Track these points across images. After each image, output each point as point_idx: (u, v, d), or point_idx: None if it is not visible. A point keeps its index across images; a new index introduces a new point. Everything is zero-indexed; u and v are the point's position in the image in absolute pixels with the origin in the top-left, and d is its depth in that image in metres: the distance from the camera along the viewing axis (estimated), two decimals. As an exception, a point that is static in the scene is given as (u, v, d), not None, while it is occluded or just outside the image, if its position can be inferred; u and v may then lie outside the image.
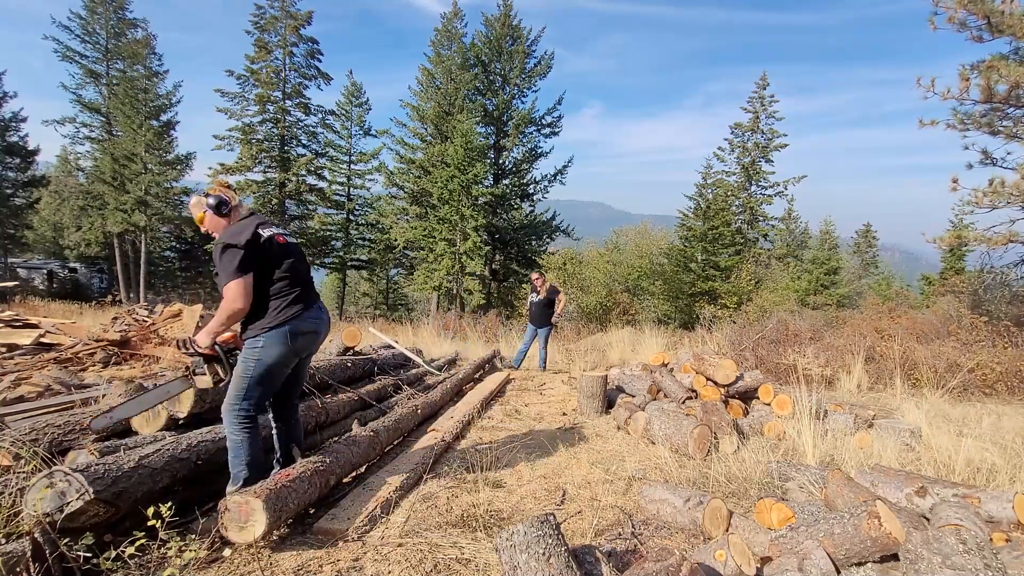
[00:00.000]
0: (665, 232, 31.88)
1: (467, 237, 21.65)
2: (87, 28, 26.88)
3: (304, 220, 27.65)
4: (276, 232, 2.67)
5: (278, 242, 2.64)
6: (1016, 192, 8.87)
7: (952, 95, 9.04)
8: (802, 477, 3.17)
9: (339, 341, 5.66)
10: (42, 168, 28.03)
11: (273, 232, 2.64)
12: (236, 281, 2.43)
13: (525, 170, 26.27)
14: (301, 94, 26.64)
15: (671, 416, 4.36)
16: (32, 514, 2.02)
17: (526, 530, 1.84)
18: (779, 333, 8.80)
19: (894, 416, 5.19)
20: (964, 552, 1.75)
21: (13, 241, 25.89)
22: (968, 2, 8.38)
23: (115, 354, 6.32)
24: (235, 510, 2.25)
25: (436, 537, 2.52)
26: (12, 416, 3.52)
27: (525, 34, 25.30)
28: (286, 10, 25.47)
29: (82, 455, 2.67)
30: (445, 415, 5.00)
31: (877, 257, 36.06)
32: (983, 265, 11.74)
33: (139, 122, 25.23)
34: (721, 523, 2.61)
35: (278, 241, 2.64)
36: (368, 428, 3.62)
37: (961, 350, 7.73)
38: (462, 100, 24.80)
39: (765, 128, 30.39)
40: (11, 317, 7.14)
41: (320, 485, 2.75)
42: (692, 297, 22.89)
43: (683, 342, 10.96)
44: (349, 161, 28.78)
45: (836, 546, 2.11)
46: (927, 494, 2.75)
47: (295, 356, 2.70)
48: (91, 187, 27.14)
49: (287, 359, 2.65)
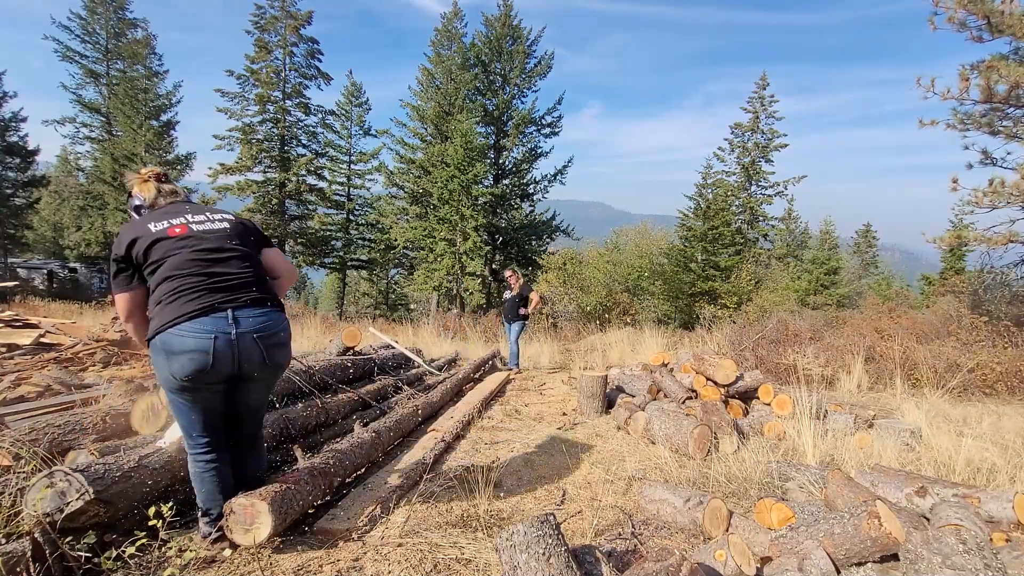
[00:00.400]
0: (665, 232, 31.90)
1: (467, 237, 21.66)
2: (87, 28, 26.91)
3: (304, 220, 27.64)
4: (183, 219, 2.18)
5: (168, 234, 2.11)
6: (1016, 192, 8.87)
7: (952, 95, 9.05)
8: (802, 477, 3.17)
9: (339, 341, 5.66)
10: (42, 168, 28.01)
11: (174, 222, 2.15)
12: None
13: (525, 170, 26.27)
14: (301, 94, 26.64)
15: (671, 416, 4.36)
16: (32, 514, 2.02)
17: (526, 530, 1.84)
18: (779, 333, 8.80)
19: (894, 416, 5.19)
20: (964, 552, 1.75)
21: (13, 241, 25.87)
22: (968, 2, 8.38)
23: (115, 354, 6.32)
24: (240, 512, 2.25)
25: (436, 537, 2.52)
26: (12, 416, 3.52)
27: (525, 34, 25.30)
28: (286, 10, 25.47)
29: (82, 455, 2.67)
30: (445, 415, 5.00)
31: (877, 257, 36.08)
32: (983, 265, 11.74)
33: (139, 122, 25.25)
34: (721, 523, 2.61)
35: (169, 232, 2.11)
36: (370, 428, 3.62)
37: (961, 350, 7.73)
38: (462, 100, 24.79)
39: (765, 128, 30.41)
40: (11, 317, 7.14)
41: (324, 487, 2.75)
42: (692, 297, 22.89)
43: (683, 342, 10.96)
44: (349, 161, 28.78)
45: (836, 546, 2.11)
46: (927, 494, 2.75)
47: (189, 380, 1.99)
48: (91, 187, 27.16)
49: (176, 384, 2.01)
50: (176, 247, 2.07)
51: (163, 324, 1.98)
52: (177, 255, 2.06)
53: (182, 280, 2.03)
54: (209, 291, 2.04)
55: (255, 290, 2.16)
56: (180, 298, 2.00)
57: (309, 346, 9.13)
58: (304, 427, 3.77)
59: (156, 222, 2.13)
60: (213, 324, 1.99)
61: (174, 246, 2.08)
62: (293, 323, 12.31)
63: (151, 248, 2.06)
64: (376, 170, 27.80)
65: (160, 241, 2.08)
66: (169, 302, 2.00)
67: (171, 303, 2.00)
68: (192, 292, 2.02)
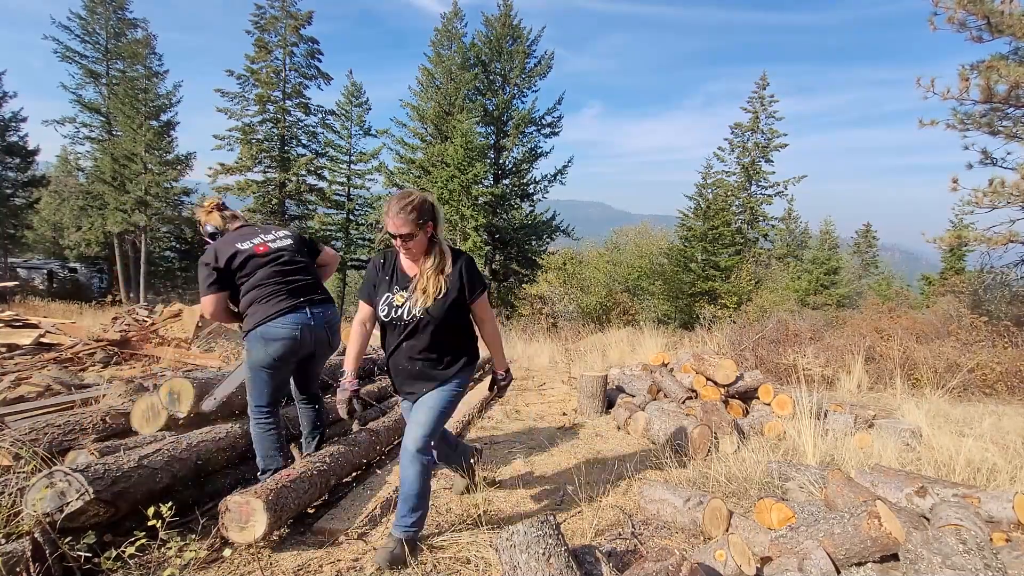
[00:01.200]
0: (665, 232, 31.88)
1: (467, 237, 21.66)
2: (87, 28, 26.89)
3: (304, 220, 27.63)
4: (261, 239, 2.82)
5: (254, 251, 2.75)
6: (1016, 192, 8.87)
7: (952, 95, 9.05)
8: (802, 477, 3.17)
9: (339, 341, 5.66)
10: (42, 168, 28.03)
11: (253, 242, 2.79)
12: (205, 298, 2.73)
13: (525, 170, 26.25)
14: (301, 94, 26.65)
15: (671, 416, 4.36)
16: (32, 514, 2.02)
17: (526, 530, 1.84)
18: (779, 333, 8.79)
19: (894, 416, 5.19)
20: (964, 552, 1.75)
21: (13, 241, 25.90)
22: (968, 2, 8.38)
23: (115, 354, 6.32)
24: (236, 510, 2.25)
25: (436, 537, 2.52)
26: (12, 416, 3.52)
27: (525, 34, 25.28)
28: (286, 10, 25.47)
29: (82, 455, 2.67)
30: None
31: (877, 257, 36.05)
32: (983, 265, 11.74)
33: (139, 122, 25.24)
34: (721, 523, 2.61)
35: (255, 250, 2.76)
36: (368, 428, 3.62)
37: (961, 350, 7.73)
38: (462, 100, 24.78)
39: (765, 128, 30.40)
40: (11, 317, 7.14)
41: (321, 485, 2.75)
42: (692, 297, 22.89)
43: (683, 342, 10.95)
44: (349, 161, 28.77)
45: (836, 546, 2.11)
46: (927, 494, 2.75)
47: (280, 360, 2.65)
48: (91, 187, 27.15)
49: (269, 363, 2.64)
50: (262, 262, 2.73)
51: (261, 320, 2.61)
52: (264, 268, 2.71)
53: (271, 287, 2.68)
54: (290, 294, 2.70)
55: (318, 292, 2.85)
56: (271, 300, 2.65)
57: (309, 346, 9.13)
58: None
59: (241, 242, 2.76)
60: (298, 318, 2.66)
61: (260, 261, 2.73)
62: (293, 323, 12.24)
63: (245, 263, 2.70)
64: (376, 170, 27.78)
65: (251, 257, 2.72)
66: (263, 302, 2.64)
67: (264, 303, 2.64)
68: (279, 296, 2.67)
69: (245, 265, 2.69)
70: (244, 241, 2.76)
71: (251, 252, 2.73)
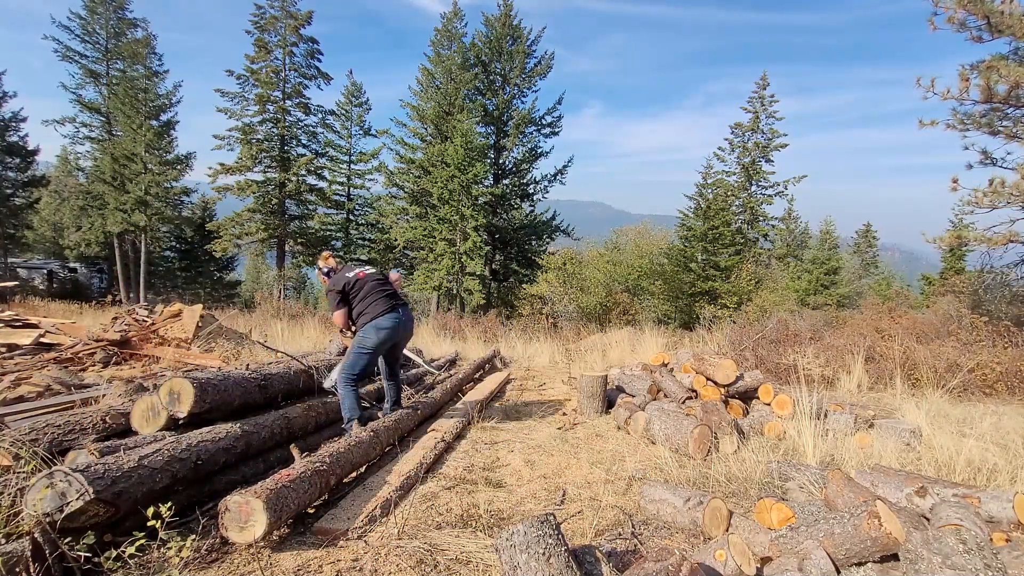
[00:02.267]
0: (665, 232, 31.82)
1: (467, 237, 21.65)
2: (87, 28, 26.87)
3: (304, 220, 27.65)
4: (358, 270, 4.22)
5: (358, 277, 4.14)
6: (1016, 192, 8.87)
7: (952, 95, 9.03)
8: (802, 477, 3.17)
9: (339, 341, 5.66)
10: (42, 168, 28.02)
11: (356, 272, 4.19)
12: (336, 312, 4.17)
13: (525, 170, 26.26)
14: (301, 94, 26.64)
15: (671, 416, 4.36)
16: (32, 514, 2.02)
17: (526, 530, 1.84)
18: (779, 333, 8.79)
19: (894, 416, 5.19)
20: (964, 552, 1.75)
21: (13, 241, 25.88)
22: (968, 2, 8.37)
23: (115, 354, 6.32)
24: (235, 510, 2.25)
25: (436, 537, 2.52)
26: (12, 416, 3.52)
27: (525, 34, 25.30)
28: (286, 10, 25.48)
29: (82, 455, 2.67)
30: (445, 415, 5.00)
31: (877, 257, 36.03)
32: (983, 265, 11.73)
33: (139, 122, 25.24)
34: (721, 523, 2.61)
35: (358, 276, 4.15)
36: (368, 428, 3.62)
37: (961, 350, 7.72)
38: (462, 100, 24.78)
39: (765, 128, 30.38)
40: (11, 317, 7.13)
41: (320, 485, 2.75)
42: (692, 297, 22.87)
43: (683, 342, 10.95)
44: (349, 161, 28.76)
45: (836, 546, 2.11)
46: (927, 494, 2.75)
47: (383, 343, 3.98)
48: (91, 187, 27.14)
49: (376, 345, 3.95)
50: (364, 283, 4.12)
51: (374, 316, 3.97)
52: (366, 286, 4.11)
53: (374, 296, 4.06)
54: (386, 301, 4.06)
55: (400, 299, 4.21)
56: (376, 306, 4.01)
57: (309, 346, 9.13)
58: (304, 427, 3.78)
59: (349, 272, 4.19)
60: (395, 316, 4.04)
61: (363, 283, 4.12)
62: (293, 323, 12.22)
63: (354, 286, 4.11)
64: (376, 170, 27.79)
65: (357, 281, 4.13)
66: (371, 305, 4.02)
67: (373, 306, 4.01)
68: (381, 303, 4.03)
69: (354, 287, 4.09)
70: (350, 272, 4.18)
71: (356, 278, 4.13)
